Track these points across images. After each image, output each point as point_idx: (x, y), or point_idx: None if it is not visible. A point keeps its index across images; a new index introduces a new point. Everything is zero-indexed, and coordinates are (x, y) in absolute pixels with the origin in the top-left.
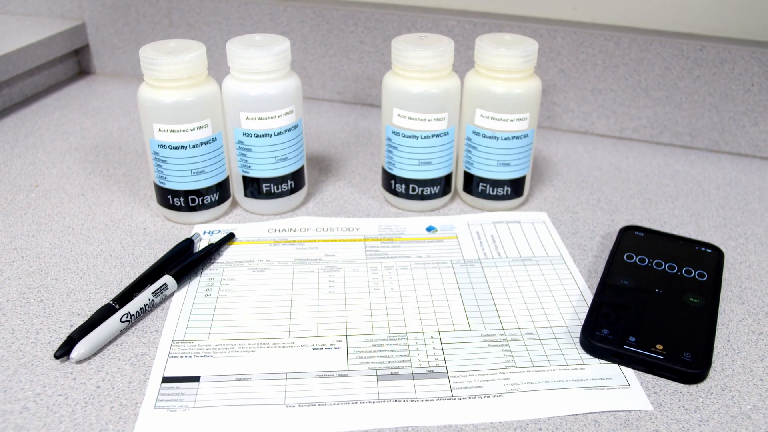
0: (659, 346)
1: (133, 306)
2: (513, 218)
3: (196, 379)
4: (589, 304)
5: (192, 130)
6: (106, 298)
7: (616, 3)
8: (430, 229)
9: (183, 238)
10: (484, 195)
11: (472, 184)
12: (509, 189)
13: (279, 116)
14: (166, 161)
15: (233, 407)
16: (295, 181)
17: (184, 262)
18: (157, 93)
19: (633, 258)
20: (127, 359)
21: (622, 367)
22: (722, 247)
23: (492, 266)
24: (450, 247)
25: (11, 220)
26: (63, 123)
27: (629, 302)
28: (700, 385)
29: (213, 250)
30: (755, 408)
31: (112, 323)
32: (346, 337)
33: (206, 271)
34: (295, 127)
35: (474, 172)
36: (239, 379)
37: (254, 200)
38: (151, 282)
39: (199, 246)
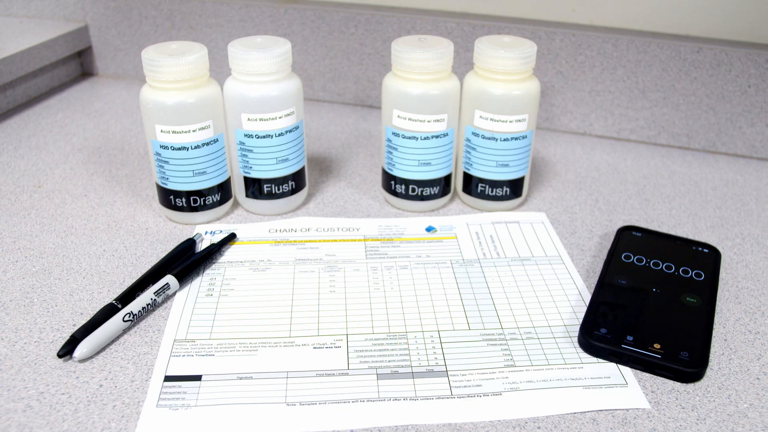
0: (657, 345)
1: (135, 305)
2: (512, 218)
3: (197, 377)
4: (587, 304)
5: (194, 131)
6: (109, 297)
7: (614, 5)
8: (429, 229)
9: (185, 239)
10: (483, 195)
11: (471, 184)
12: (508, 189)
13: (280, 117)
14: (168, 162)
15: (235, 406)
16: (295, 181)
17: (186, 262)
18: (159, 94)
19: (631, 258)
20: (129, 358)
21: (619, 366)
22: (719, 247)
23: (491, 266)
24: (449, 247)
25: (15, 221)
26: (66, 124)
27: (627, 302)
28: (698, 384)
29: (214, 250)
30: (752, 406)
31: (115, 322)
32: (347, 336)
33: (208, 271)
34: (296, 128)
35: (473, 172)
36: (240, 378)
37: (255, 201)
38: (154, 282)
39: (201, 246)
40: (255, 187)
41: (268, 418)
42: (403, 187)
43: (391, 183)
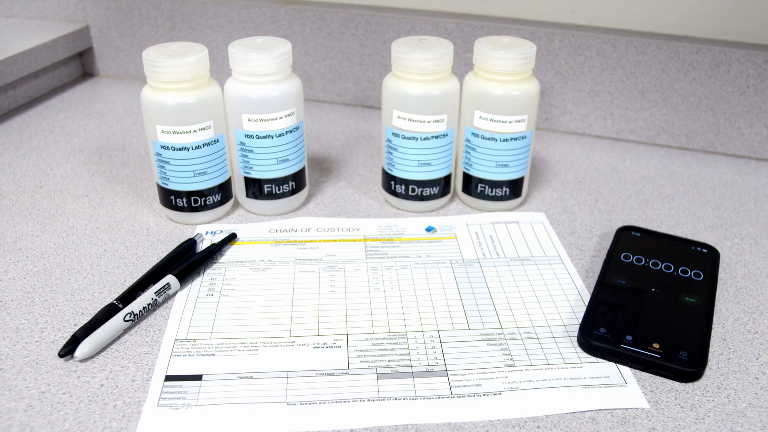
0: (656, 345)
1: (136, 305)
2: (511, 219)
3: (198, 377)
4: (587, 304)
5: (194, 131)
6: (110, 297)
7: (613, 6)
8: (429, 229)
9: (186, 239)
10: (482, 196)
11: (471, 184)
12: (508, 190)
13: (280, 118)
14: (168, 162)
15: (235, 405)
16: (296, 182)
17: (187, 262)
18: (160, 95)
19: (630, 258)
20: (130, 358)
21: (619, 365)
22: (718, 247)
23: (491, 266)
24: (449, 247)
25: (16, 221)
26: (67, 125)
27: (626, 301)
28: (696, 384)
29: (215, 250)
30: (750, 406)
31: (116, 322)
32: (347, 336)
33: (208, 271)
34: (297, 128)
35: (473, 173)
36: (241, 378)
37: (256, 201)
38: (154, 281)
39: (202, 246)
40: (255, 188)
41: (269, 418)
42: (403, 187)
43: (391, 183)
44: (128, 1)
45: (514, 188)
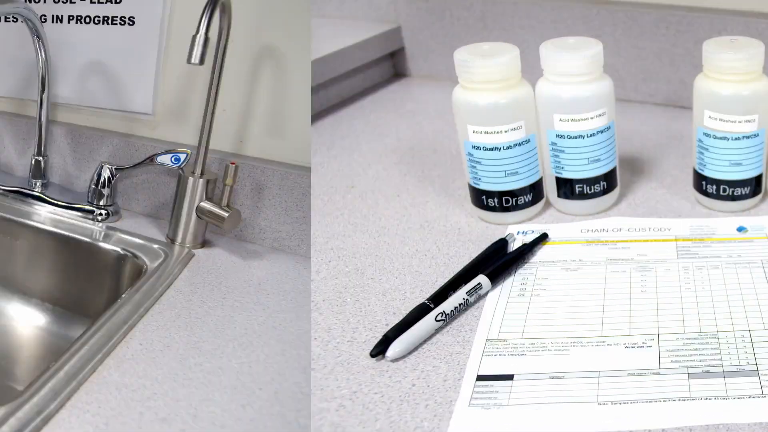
0: None
1: (447, 305)
2: None
3: (509, 377)
4: None
5: (506, 131)
6: (421, 297)
7: None
8: (740, 229)
9: (497, 239)
10: None
11: None
12: None
13: (592, 118)
14: (480, 162)
15: (546, 405)
16: (607, 182)
17: (498, 261)
18: (471, 95)
19: None
20: (441, 357)
21: None
22: None
23: None
24: (761, 248)
25: (327, 221)
26: (378, 125)
27: None
28: None
29: (526, 250)
30: None
31: (427, 322)
32: (658, 335)
33: (520, 271)
34: (608, 128)
35: None
36: (552, 378)
37: (567, 201)
38: (466, 281)
39: (513, 246)
40: (567, 188)
41: (580, 418)
42: (714, 187)
43: (702, 183)
44: (440, 2)
45: None
